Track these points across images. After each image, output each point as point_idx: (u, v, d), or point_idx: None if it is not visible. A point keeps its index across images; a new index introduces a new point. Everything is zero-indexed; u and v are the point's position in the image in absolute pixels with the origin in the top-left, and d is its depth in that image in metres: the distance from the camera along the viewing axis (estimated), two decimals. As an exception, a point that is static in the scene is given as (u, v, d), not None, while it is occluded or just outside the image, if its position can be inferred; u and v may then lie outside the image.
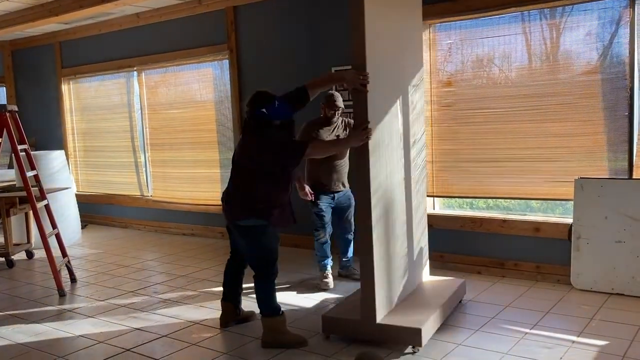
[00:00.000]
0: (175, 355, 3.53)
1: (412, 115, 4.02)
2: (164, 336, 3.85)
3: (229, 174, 6.52)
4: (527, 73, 4.72)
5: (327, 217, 4.73)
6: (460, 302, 4.17)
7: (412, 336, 3.35)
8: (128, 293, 4.87)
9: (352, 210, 4.81)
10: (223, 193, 3.80)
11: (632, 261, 4.21)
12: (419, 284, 4.15)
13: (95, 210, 8.20)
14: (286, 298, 4.46)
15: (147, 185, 7.61)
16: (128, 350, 3.63)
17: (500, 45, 4.83)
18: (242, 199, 3.58)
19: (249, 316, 4.05)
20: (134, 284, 5.14)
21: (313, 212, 4.73)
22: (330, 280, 4.74)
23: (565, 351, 3.33)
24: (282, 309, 3.69)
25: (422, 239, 4.22)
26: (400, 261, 3.79)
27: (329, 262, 4.79)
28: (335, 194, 4.74)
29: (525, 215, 5.00)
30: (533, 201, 5.00)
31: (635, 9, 4.20)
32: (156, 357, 3.51)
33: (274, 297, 3.69)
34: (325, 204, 4.72)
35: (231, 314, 3.97)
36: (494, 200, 5.22)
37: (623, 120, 4.32)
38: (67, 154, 7.92)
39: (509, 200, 5.12)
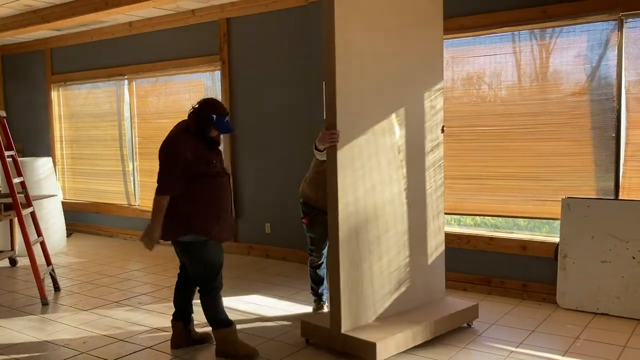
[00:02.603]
0: (158, 368, 3.50)
1: (422, 126, 4.02)
2: (147, 348, 3.81)
3: (217, 185, 6.68)
4: (516, 92, 4.77)
5: (324, 240, 4.31)
6: (469, 325, 4.08)
7: (368, 351, 3.36)
8: (112, 303, 4.82)
9: None
10: None
11: (617, 281, 4.24)
12: (431, 300, 4.09)
13: (81, 219, 8.12)
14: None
15: (135, 195, 7.56)
16: (110, 361, 3.60)
17: (491, 64, 4.88)
18: (179, 215, 3.45)
19: (203, 338, 3.85)
20: (119, 294, 5.09)
21: (308, 235, 4.36)
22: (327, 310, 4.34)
23: (550, 370, 3.34)
24: (231, 320, 3.64)
25: (436, 251, 4.16)
26: (391, 275, 3.78)
27: (326, 291, 4.42)
28: None
29: (512, 233, 5.02)
30: (520, 219, 5.03)
31: (624, 32, 4.26)
32: (141, 369, 3.47)
33: (220, 310, 3.62)
34: (321, 225, 4.23)
35: (181, 335, 3.78)
36: (482, 217, 5.25)
37: (610, 142, 4.37)
38: (54, 161, 7.86)
39: (496, 217, 5.14)
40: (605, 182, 4.43)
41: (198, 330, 3.92)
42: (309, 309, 4.54)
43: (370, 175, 3.65)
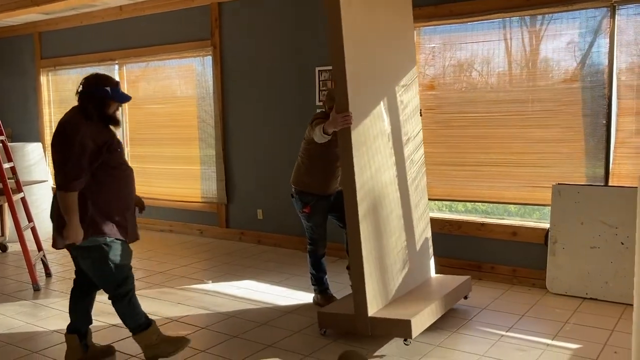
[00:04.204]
0: (152, 352, 3.50)
1: (403, 114, 4.05)
2: (141, 333, 3.82)
3: (209, 171, 6.68)
4: (507, 79, 4.79)
5: (325, 227, 4.29)
6: (465, 297, 4.23)
7: (403, 328, 3.39)
8: (104, 289, 4.81)
9: None
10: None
11: (606, 267, 4.30)
12: (424, 280, 4.18)
13: (71, 204, 8.08)
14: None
15: (126, 180, 7.52)
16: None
17: (483, 51, 4.89)
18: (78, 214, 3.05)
19: (103, 352, 3.44)
20: (111, 279, 5.08)
21: (309, 224, 4.23)
22: (334, 298, 4.27)
23: (540, 354, 3.39)
24: (150, 319, 3.34)
25: (424, 234, 4.24)
26: (397, 256, 3.82)
27: (327, 280, 4.34)
28: (331, 195, 4.29)
29: (502, 219, 5.06)
30: (511, 205, 5.07)
31: (616, 19, 4.28)
32: (132, 354, 3.48)
33: (137, 313, 3.29)
34: (322, 213, 4.24)
35: (77, 350, 3.34)
36: (473, 203, 5.28)
37: (601, 129, 4.40)
38: (44, 147, 7.80)
39: (487, 204, 5.18)
40: (595, 169, 4.47)
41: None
42: (302, 293, 4.57)
43: (375, 158, 3.68)
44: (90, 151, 3.00)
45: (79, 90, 3.15)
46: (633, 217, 4.18)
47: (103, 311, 4.23)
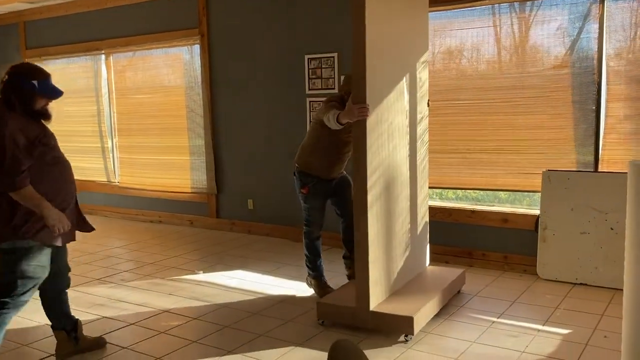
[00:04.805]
0: (143, 344, 3.48)
1: (419, 93, 4.03)
2: (132, 324, 3.80)
3: (199, 161, 6.63)
4: (497, 66, 4.78)
5: (322, 210, 4.23)
6: (459, 292, 4.20)
7: (405, 325, 3.38)
8: (94, 280, 4.78)
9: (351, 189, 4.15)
10: None
11: (595, 252, 4.32)
12: (421, 270, 4.18)
13: (60, 196, 8.01)
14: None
15: (114, 171, 7.47)
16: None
17: (472, 38, 4.87)
18: (2, 213, 2.84)
19: (95, 343, 3.39)
20: (101, 271, 5.05)
21: (306, 205, 4.17)
22: (329, 288, 4.23)
23: (531, 340, 3.40)
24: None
25: (424, 218, 4.24)
26: (402, 238, 3.82)
27: (322, 265, 4.27)
28: (334, 179, 4.22)
29: (493, 206, 5.07)
30: (501, 192, 5.08)
31: (605, 4, 4.27)
32: (124, 346, 3.46)
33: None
34: (321, 196, 4.18)
35: (67, 344, 3.27)
36: (463, 191, 5.29)
37: (591, 115, 4.41)
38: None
39: (477, 191, 5.19)
40: (585, 155, 4.48)
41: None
42: (294, 282, 4.56)
43: (390, 138, 3.63)
44: (23, 145, 2.78)
45: (3, 80, 2.92)
46: (623, 202, 4.18)
47: (94, 303, 4.22)
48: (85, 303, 4.22)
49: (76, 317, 3.35)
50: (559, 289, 4.30)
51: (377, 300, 3.52)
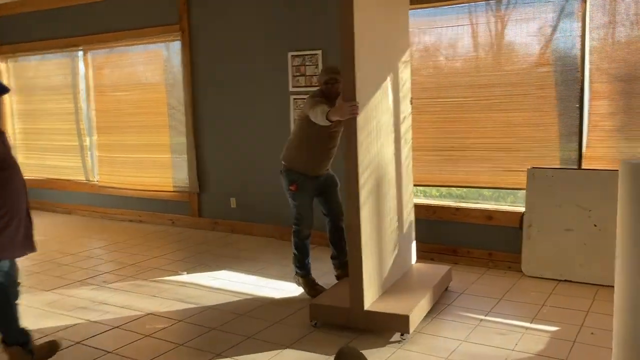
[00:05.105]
0: (129, 347, 3.41)
1: (401, 92, 4.01)
2: (115, 327, 3.71)
3: (180, 159, 6.54)
4: (481, 64, 4.78)
5: (311, 207, 4.19)
6: (446, 289, 4.20)
7: (401, 323, 3.36)
8: (75, 282, 4.68)
9: (338, 188, 4.26)
10: None
11: (580, 249, 4.35)
12: (409, 267, 4.18)
13: (36, 196, 7.82)
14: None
15: (93, 170, 7.33)
16: (78, 343, 3.48)
17: (455, 36, 4.86)
18: None
19: (49, 349, 3.20)
20: (82, 272, 4.95)
21: (295, 203, 4.13)
22: (318, 286, 4.20)
23: (520, 337, 3.41)
24: None
25: (409, 217, 4.22)
26: (390, 236, 3.80)
27: (309, 264, 4.24)
28: (320, 177, 4.19)
29: (477, 203, 5.08)
30: (485, 190, 5.10)
31: (587, 2, 4.30)
32: (109, 350, 3.38)
33: None
34: (309, 193, 4.14)
35: (23, 357, 3.08)
36: (447, 188, 5.29)
37: (574, 112, 4.44)
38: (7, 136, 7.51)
39: (461, 188, 5.20)
40: (569, 152, 4.51)
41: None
42: (280, 282, 4.52)
43: (378, 136, 3.62)
44: None
45: None
46: (606, 199, 4.24)
47: (76, 306, 4.12)
48: (67, 306, 4.12)
49: (27, 329, 3.17)
50: (544, 286, 4.32)
51: (370, 299, 3.50)
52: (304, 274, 4.20)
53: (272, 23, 5.67)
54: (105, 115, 7.09)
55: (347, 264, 3.81)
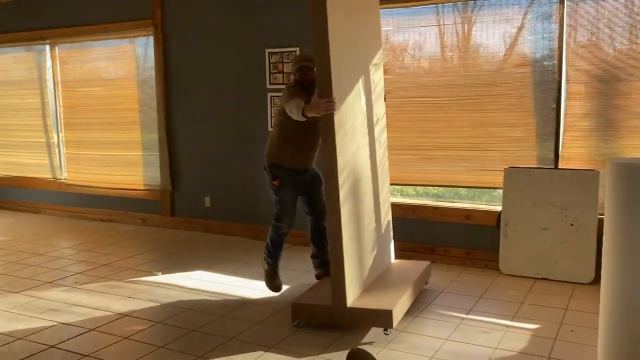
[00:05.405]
0: (107, 350, 3.30)
1: (374, 95, 3.99)
2: (91, 330, 3.59)
3: (152, 157, 6.40)
4: (460, 63, 4.80)
5: (294, 205, 4.12)
6: (426, 283, 4.24)
7: (384, 319, 3.34)
8: (46, 284, 4.52)
9: (322, 187, 4.12)
10: None
11: (556, 247, 4.41)
12: (388, 265, 4.17)
13: (1, 194, 7.59)
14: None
15: (61, 168, 7.12)
16: (52, 347, 3.36)
17: (434, 35, 4.88)
18: None
19: None
20: (52, 273, 4.79)
21: (277, 198, 4.03)
22: (278, 280, 4.19)
23: (502, 335, 3.43)
24: None
25: (387, 217, 4.22)
26: (369, 237, 3.78)
27: (280, 257, 4.21)
28: (307, 172, 4.11)
29: (454, 202, 5.11)
30: (461, 189, 5.13)
31: (565, 4, 4.36)
32: (85, 353, 3.26)
33: None
34: (293, 190, 4.06)
35: None
36: (424, 187, 5.31)
37: (551, 113, 4.49)
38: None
39: (438, 187, 5.22)
40: (545, 152, 4.57)
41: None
42: (258, 282, 4.45)
43: (355, 136, 3.60)
44: None
45: None
46: (582, 198, 4.32)
47: (47, 308, 3.98)
48: (37, 308, 3.98)
49: None
50: (521, 284, 4.37)
51: (353, 296, 3.47)
52: (272, 264, 4.14)
53: (249, 19, 5.59)
54: (74, 111, 6.90)
55: (327, 263, 3.81)
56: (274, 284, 4.13)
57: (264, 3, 5.47)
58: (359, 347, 3.15)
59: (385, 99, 4.26)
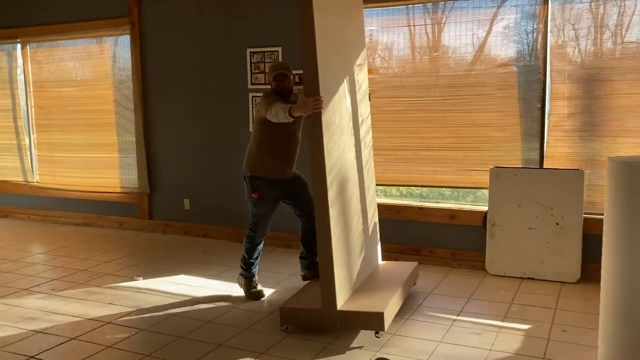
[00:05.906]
0: (90, 360, 3.17)
1: (358, 95, 3.93)
2: (72, 339, 3.44)
3: (129, 159, 6.23)
4: (445, 63, 4.78)
5: (270, 217, 4.08)
6: (414, 285, 4.20)
7: (375, 321, 3.28)
8: (21, 291, 4.34)
9: (308, 188, 4.08)
10: None
11: (542, 247, 4.42)
12: (376, 266, 4.11)
13: (-32, 198, 7.32)
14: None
15: (33, 171, 6.89)
16: (32, 357, 3.20)
17: (420, 35, 4.85)
18: None
19: None
20: (27, 280, 4.60)
21: (255, 210, 3.99)
22: (255, 290, 4.15)
23: (495, 337, 3.40)
24: None
25: (373, 218, 4.17)
26: (357, 239, 3.72)
27: (256, 267, 4.18)
28: (288, 181, 4.04)
29: (439, 202, 5.09)
30: (446, 189, 5.11)
31: (549, 5, 4.37)
32: (67, 364, 3.13)
33: None
34: (272, 203, 4.02)
35: None
36: (407, 188, 5.27)
37: (536, 112, 4.50)
38: None
39: (422, 188, 5.19)
40: (531, 152, 4.57)
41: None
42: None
43: (342, 137, 3.55)
44: None
45: None
46: (567, 198, 4.33)
47: (23, 317, 3.82)
48: (14, 317, 3.81)
49: None
50: (509, 284, 4.36)
51: (342, 299, 3.40)
52: (247, 276, 4.14)
53: (229, 18, 5.49)
54: (46, 112, 6.68)
55: (316, 265, 3.76)
56: (253, 294, 4.11)
57: (246, 2, 5.37)
58: (381, 356, 3.11)
59: (370, 98, 4.22)
